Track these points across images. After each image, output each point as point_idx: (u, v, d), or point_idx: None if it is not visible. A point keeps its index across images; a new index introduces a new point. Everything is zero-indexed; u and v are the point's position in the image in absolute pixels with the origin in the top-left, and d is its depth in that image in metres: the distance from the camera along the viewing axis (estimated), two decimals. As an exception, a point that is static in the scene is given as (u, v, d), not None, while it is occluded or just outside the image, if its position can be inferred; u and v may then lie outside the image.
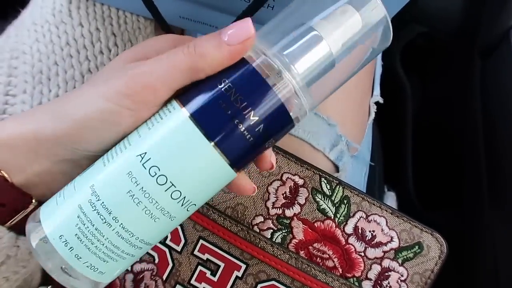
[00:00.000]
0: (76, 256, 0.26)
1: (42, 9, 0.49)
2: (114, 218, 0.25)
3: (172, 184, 0.25)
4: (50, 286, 0.38)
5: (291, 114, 0.27)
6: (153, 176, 0.25)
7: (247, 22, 0.27)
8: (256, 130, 0.26)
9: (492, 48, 0.62)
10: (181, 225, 0.41)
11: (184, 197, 0.26)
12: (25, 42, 0.48)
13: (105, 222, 0.25)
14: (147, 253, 0.41)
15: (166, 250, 0.41)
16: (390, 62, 0.74)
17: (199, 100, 0.26)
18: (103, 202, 0.25)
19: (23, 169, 0.30)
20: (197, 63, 0.27)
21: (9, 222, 0.30)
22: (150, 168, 0.25)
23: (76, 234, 0.26)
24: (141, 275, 0.41)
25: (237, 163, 0.27)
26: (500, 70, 0.59)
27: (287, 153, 0.42)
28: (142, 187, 0.25)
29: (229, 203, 0.41)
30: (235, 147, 0.26)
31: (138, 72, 0.28)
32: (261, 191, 0.41)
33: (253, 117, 0.26)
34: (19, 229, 0.30)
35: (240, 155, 0.27)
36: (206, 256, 0.41)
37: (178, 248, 0.41)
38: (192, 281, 0.41)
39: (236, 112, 0.25)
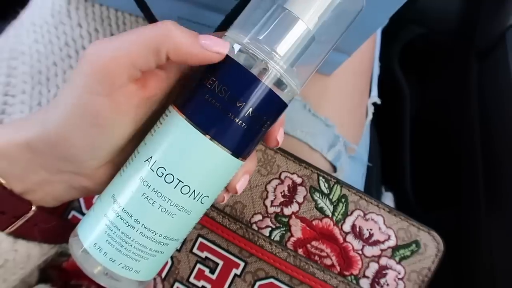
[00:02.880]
0: (111, 259, 0.28)
1: (41, 9, 0.49)
2: (135, 220, 0.28)
3: (180, 181, 0.27)
4: (49, 284, 0.38)
5: (281, 96, 0.28)
6: (160, 176, 0.27)
7: (227, 44, 0.27)
8: (248, 117, 0.27)
9: (488, 49, 0.62)
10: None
11: (194, 191, 0.28)
12: (24, 43, 0.48)
13: (128, 225, 0.28)
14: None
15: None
16: (389, 63, 0.74)
17: (190, 99, 0.27)
18: (123, 208, 0.28)
19: (21, 178, 0.29)
20: (162, 39, 0.26)
21: (8, 228, 0.30)
22: (157, 170, 0.27)
23: (107, 240, 0.28)
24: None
25: (238, 151, 0.28)
26: (496, 71, 0.59)
27: (285, 152, 0.42)
28: (154, 188, 0.27)
29: (227, 201, 0.41)
30: (231, 137, 0.27)
31: (100, 47, 0.27)
32: (259, 189, 0.42)
33: (242, 106, 0.26)
34: (18, 234, 0.30)
35: (239, 143, 0.28)
36: (204, 254, 0.41)
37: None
38: (191, 279, 0.41)
39: (225, 104, 0.26)
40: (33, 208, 0.30)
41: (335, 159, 0.50)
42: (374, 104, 0.57)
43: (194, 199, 0.28)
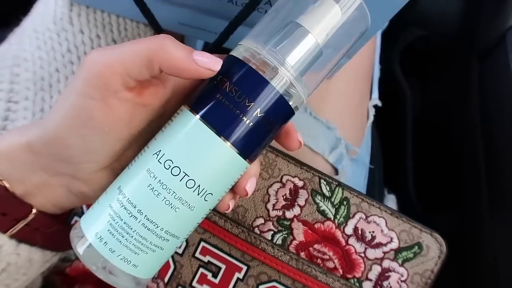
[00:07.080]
0: (110, 249, 0.28)
1: (43, 17, 0.49)
2: (138, 211, 0.28)
3: (186, 174, 0.28)
4: (52, 289, 0.39)
5: (289, 102, 0.29)
6: (167, 169, 0.28)
7: (220, 62, 0.28)
8: (257, 118, 0.28)
9: (489, 50, 0.63)
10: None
11: (199, 186, 0.28)
12: (27, 50, 0.48)
13: (131, 216, 0.28)
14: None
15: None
16: (390, 66, 0.75)
17: (200, 96, 0.29)
18: (128, 198, 0.28)
19: (22, 180, 0.30)
20: (155, 53, 0.27)
21: (9, 231, 0.30)
22: (164, 162, 0.28)
23: (108, 230, 0.29)
24: (143, 278, 0.41)
25: (245, 152, 0.29)
26: (497, 72, 0.59)
27: (286, 155, 0.42)
28: (160, 180, 0.28)
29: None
30: (239, 136, 0.28)
31: (98, 54, 0.28)
32: (261, 193, 0.42)
33: (255, 110, 0.28)
34: (20, 237, 0.31)
35: (246, 144, 0.29)
36: (207, 258, 0.41)
37: (180, 251, 0.41)
38: (194, 283, 0.41)
39: (239, 106, 0.28)
40: (34, 211, 0.31)
41: (337, 161, 0.50)
42: (375, 106, 0.57)
43: (198, 194, 0.29)
